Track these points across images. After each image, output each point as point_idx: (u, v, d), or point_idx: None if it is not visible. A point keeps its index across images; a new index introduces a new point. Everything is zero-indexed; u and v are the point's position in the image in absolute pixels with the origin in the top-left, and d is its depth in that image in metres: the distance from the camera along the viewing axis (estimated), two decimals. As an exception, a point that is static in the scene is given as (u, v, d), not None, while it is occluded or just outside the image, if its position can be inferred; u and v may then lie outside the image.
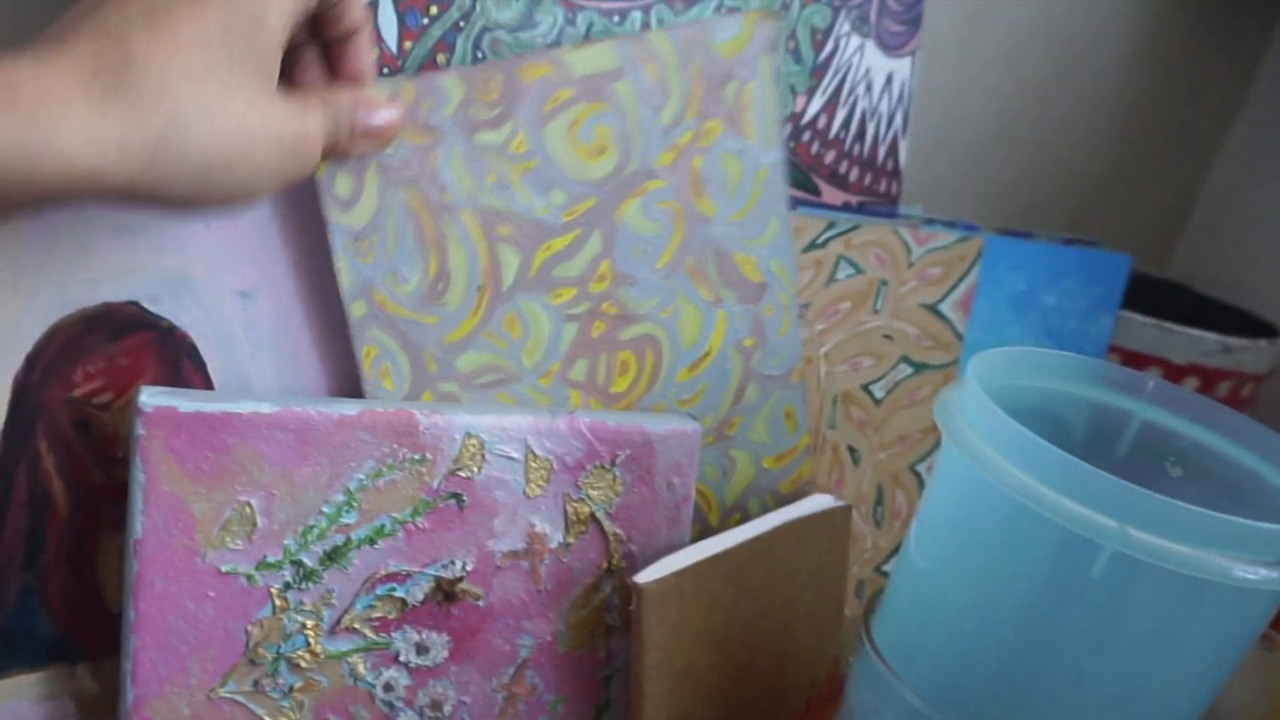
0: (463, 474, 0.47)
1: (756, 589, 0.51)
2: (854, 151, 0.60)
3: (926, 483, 0.47)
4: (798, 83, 0.57)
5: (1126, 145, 0.83)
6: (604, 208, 0.50)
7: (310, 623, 0.46)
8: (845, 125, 0.60)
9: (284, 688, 0.46)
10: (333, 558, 0.45)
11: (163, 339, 0.45)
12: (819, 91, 0.58)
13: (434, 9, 0.46)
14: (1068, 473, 0.36)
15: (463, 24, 0.47)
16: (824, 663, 0.49)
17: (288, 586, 0.45)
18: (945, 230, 0.61)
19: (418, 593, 0.47)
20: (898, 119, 0.61)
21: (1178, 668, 0.38)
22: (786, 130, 0.57)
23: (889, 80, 0.60)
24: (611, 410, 0.52)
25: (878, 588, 0.46)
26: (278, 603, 0.45)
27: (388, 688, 0.48)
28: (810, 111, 0.58)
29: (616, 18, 0.50)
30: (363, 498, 0.45)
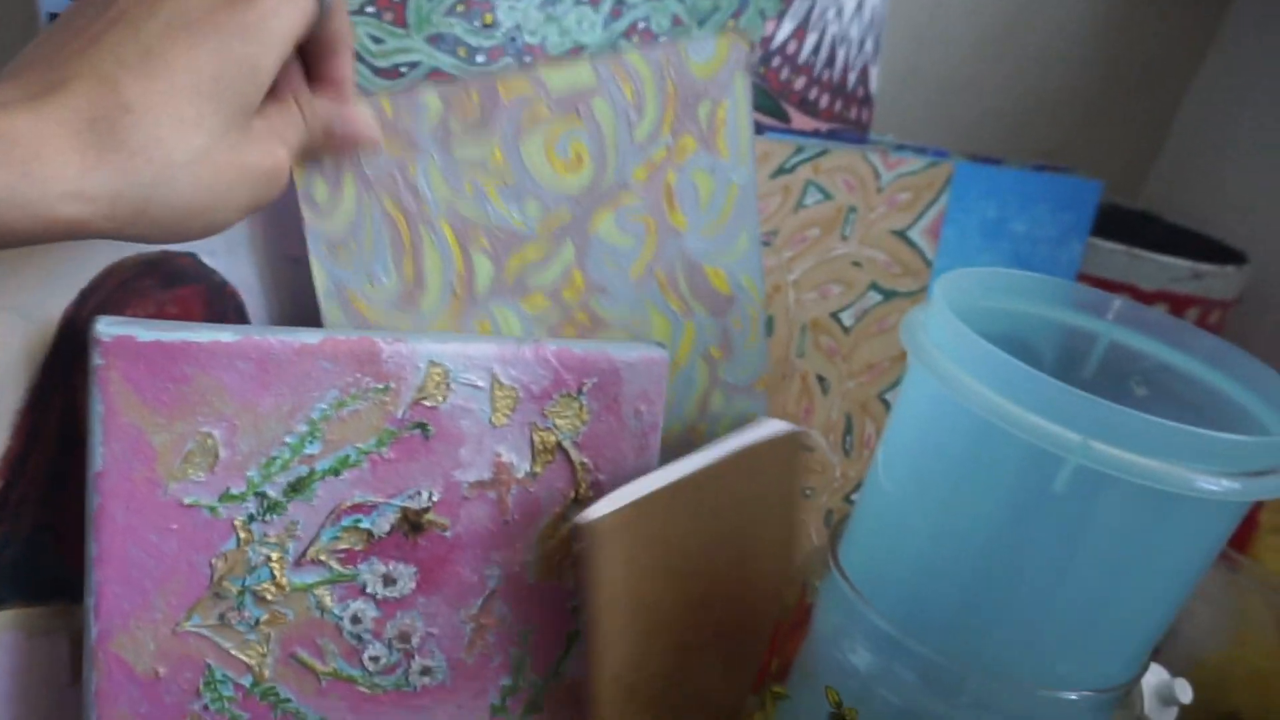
0: (427, 403, 0.46)
1: (709, 519, 0.51)
2: (824, 77, 0.60)
3: (892, 407, 0.46)
4: (767, 7, 0.56)
5: (1099, 75, 0.83)
6: (579, 220, 0.51)
7: (275, 555, 0.45)
8: (815, 50, 0.59)
9: (250, 621, 0.46)
10: (296, 489, 0.45)
11: (213, 292, 0.46)
12: (788, 15, 0.57)
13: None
14: (1031, 387, 0.35)
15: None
16: (791, 589, 0.49)
17: (251, 519, 0.45)
18: (915, 156, 0.60)
19: (384, 524, 0.47)
20: (868, 45, 0.60)
21: (1142, 583, 0.38)
22: (756, 56, 0.57)
23: (860, 5, 0.59)
24: (577, 338, 0.52)
25: (845, 515, 0.46)
26: (242, 535, 0.45)
27: (355, 620, 0.48)
28: (780, 37, 0.57)
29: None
30: (326, 428, 0.45)
